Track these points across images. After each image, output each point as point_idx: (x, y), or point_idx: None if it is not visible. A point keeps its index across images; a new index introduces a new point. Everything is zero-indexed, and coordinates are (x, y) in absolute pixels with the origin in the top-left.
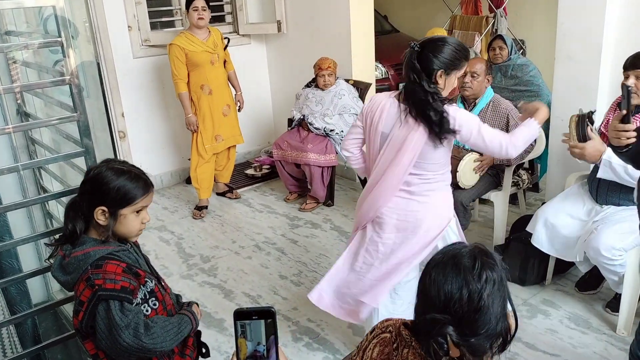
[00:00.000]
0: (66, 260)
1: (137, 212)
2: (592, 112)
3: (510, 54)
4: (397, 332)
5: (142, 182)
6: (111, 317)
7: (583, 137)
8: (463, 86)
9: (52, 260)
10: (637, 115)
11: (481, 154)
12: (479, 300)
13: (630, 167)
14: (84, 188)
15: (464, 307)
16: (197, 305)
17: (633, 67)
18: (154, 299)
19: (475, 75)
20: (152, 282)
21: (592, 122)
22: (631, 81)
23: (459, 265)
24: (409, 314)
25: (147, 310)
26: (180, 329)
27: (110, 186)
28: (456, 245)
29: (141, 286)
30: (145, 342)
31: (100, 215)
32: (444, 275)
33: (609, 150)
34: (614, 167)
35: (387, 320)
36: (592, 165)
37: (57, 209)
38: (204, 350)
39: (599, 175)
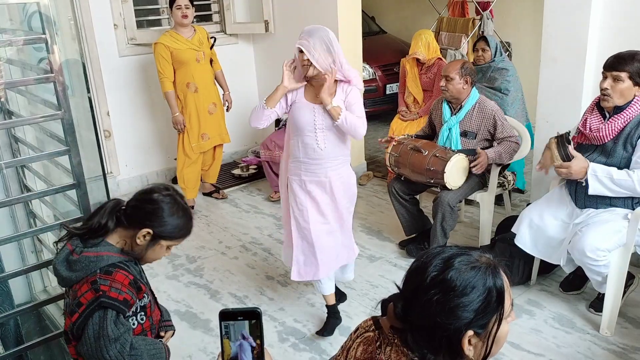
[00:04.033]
0: (74, 257)
1: (168, 246)
2: (568, 133)
3: (494, 56)
4: (380, 331)
5: (191, 225)
6: (104, 326)
7: (567, 157)
8: (442, 90)
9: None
10: (615, 116)
11: (474, 154)
12: (424, 294)
13: (615, 175)
14: (141, 205)
15: (408, 288)
16: (172, 332)
17: (610, 68)
18: (142, 313)
19: (449, 78)
20: (147, 297)
21: (569, 142)
22: (607, 82)
23: (431, 262)
24: None
25: (133, 324)
26: (160, 357)
27: (168, 219)
28: (465, 251)
29: (137, 300)
30: None
31: (142, 237)
32: (421, 258)
33: (592, 164)
34: (600, 180)
35: (370, 319)
36: None
37: (41, 208)
38: None
39: (591, 192)
